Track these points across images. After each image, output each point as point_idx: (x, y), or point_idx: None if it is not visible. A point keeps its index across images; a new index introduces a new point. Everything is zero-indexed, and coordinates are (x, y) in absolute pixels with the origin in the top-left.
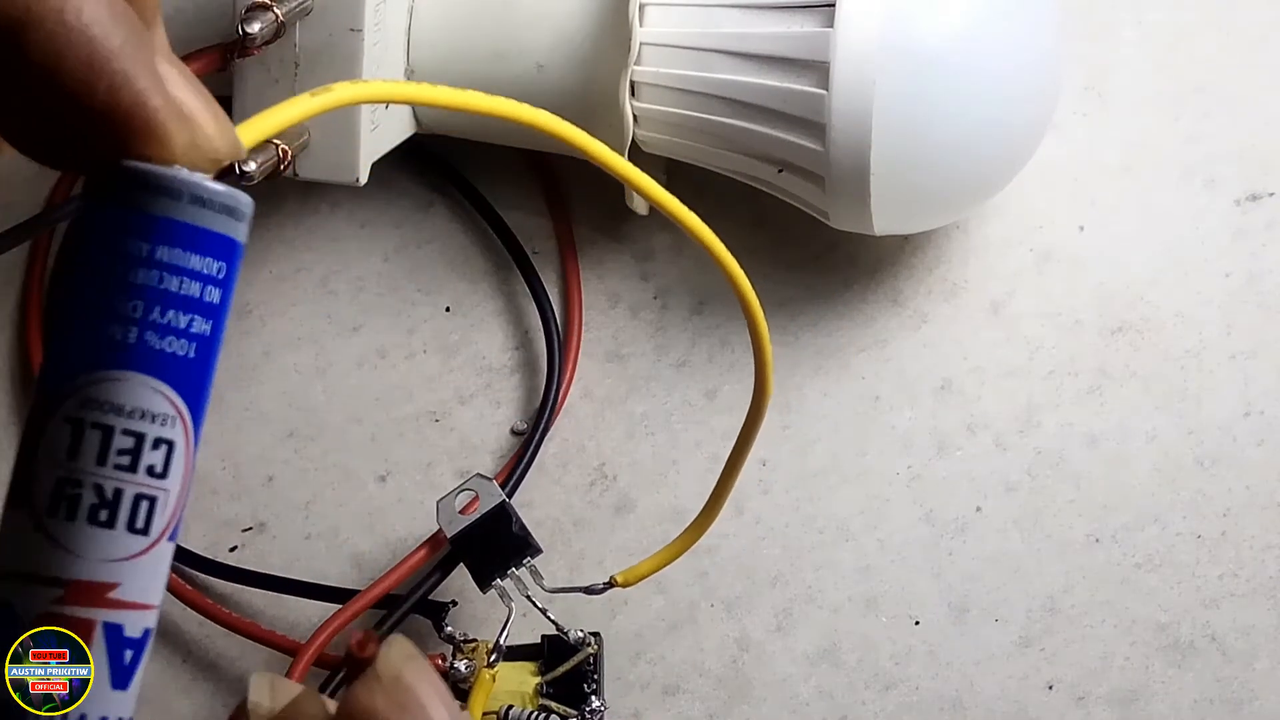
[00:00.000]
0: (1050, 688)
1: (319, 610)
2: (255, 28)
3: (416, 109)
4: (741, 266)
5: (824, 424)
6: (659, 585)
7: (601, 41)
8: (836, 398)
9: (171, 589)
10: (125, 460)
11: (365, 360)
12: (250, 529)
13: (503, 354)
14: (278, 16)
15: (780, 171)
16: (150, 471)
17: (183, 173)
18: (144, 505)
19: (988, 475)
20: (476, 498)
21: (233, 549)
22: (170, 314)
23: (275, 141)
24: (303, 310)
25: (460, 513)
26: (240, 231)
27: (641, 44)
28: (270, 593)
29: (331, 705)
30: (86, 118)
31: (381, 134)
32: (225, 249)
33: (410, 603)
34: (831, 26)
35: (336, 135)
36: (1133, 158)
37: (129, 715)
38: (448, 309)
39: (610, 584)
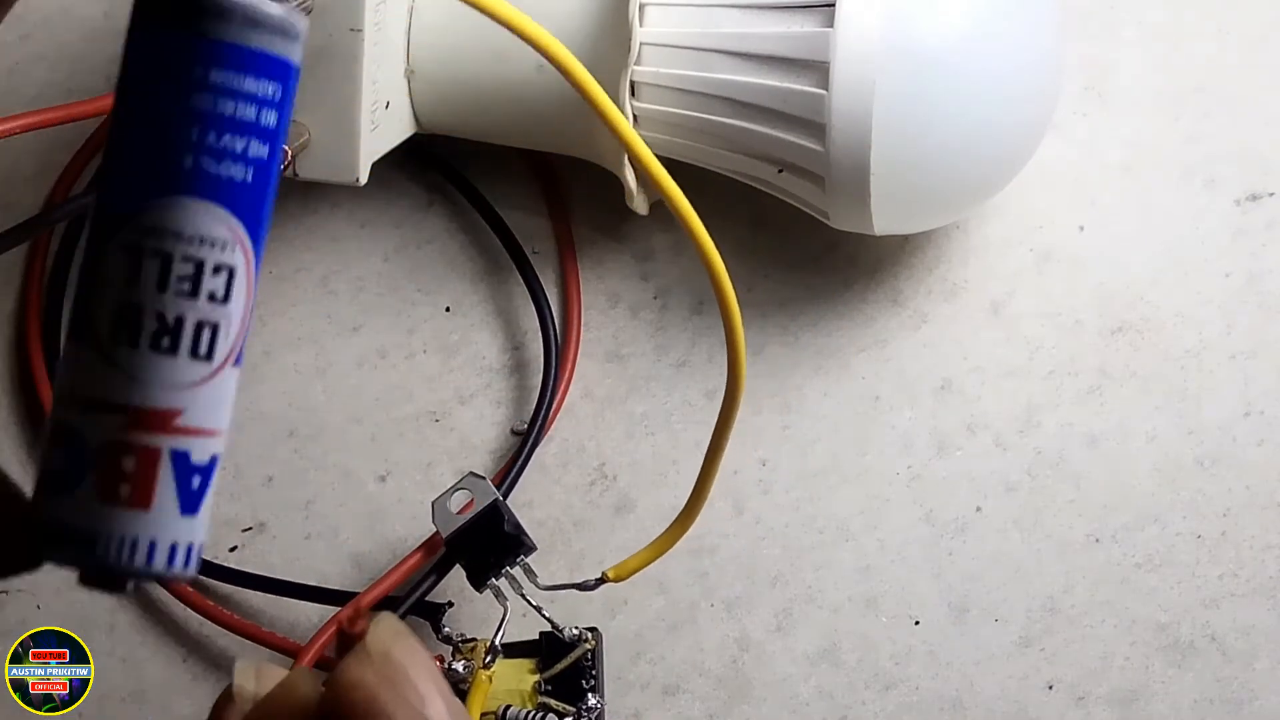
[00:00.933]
0: (1050, 688)
1: (318, 610)
2: None
3: (417, 109)
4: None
5: (824, 424)
6: (659, 585)
7: (601, 41)
8: (836, 398)
9: (171, 590)
10: (186, 286)
11: (365, 360)
12: (250, 529)
13: (502, 354)
14: None
15: (780, 171)
16: (211, 298)
17: None
18: (206, 331)
19: (988, 475)
20: (472, 497)
21: (233, 549)
22: (226, 138)
23: None
24: (303, 310)
25: (456, 513)
26: (294, 53)
27: (641, 44)
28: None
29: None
30: None
31: (381, 134)
32: (280, 71)
33: (407, 605)
34: (831, 26)
35: (336, 135)
36: (1133, 158)
37: (199, 542)
38: (448, 309)
39: (603, 579)
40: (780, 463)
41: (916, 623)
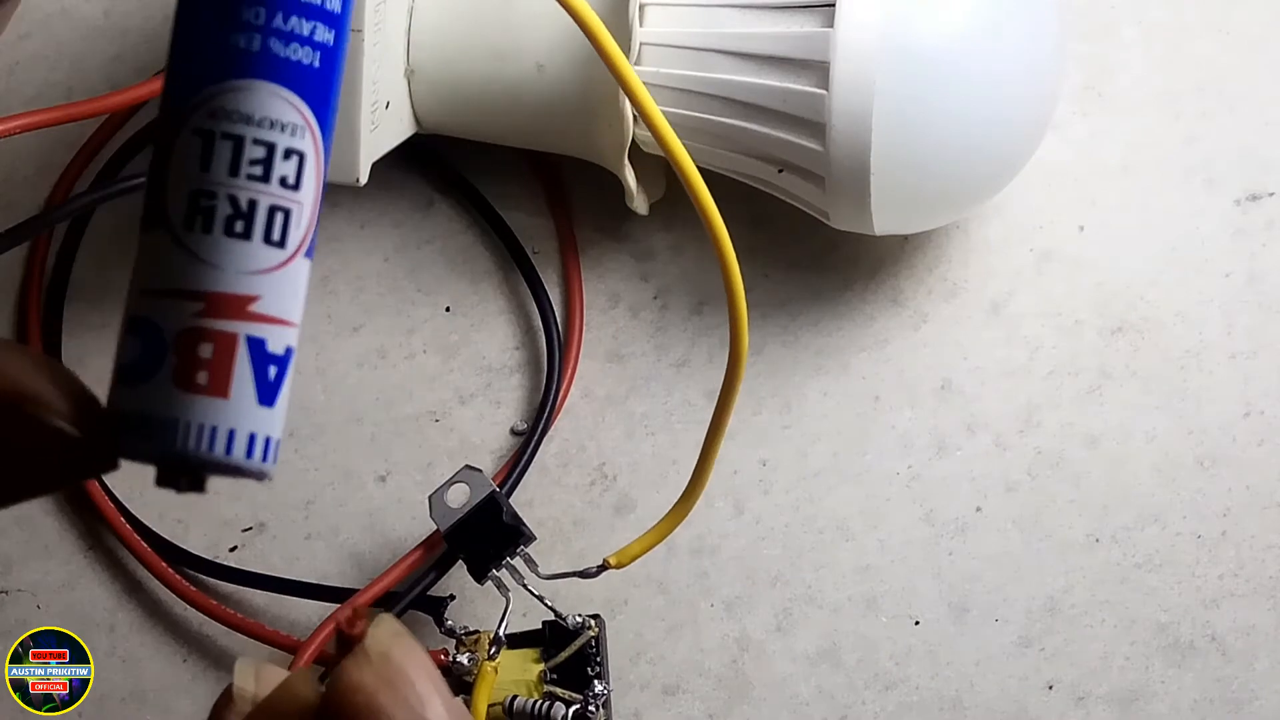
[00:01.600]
0: (1050, 688)
1: (319, 609)
2: None
3: (417, 109)
4: (741, 266)
5: (824, 424)
6: (659, 585)
7: None
8: (836, 398)
9: (173, 588)
10: (258, 170)
11: (365, 360)
12: (250, 529)
13: (503, 354)
14: None
15: (780, 171)
16: (283, 183)
17: None
18: (279, 217)
19: (988, 475)
20: (469, 491)
21: (233, 549)
22: (293, 20)
23: None
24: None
25: (454, 507)
26: None
27: (641, 44)
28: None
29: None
30: None
31: (381, 134)
32: None
33: (408, 599)
34: (831, 26)
35: (336, 135)
36: (1133, 158)
37: (277, 435)
38: (448, 309)
39: (604, 566)
40: (780, 463)
41: (916, 623)
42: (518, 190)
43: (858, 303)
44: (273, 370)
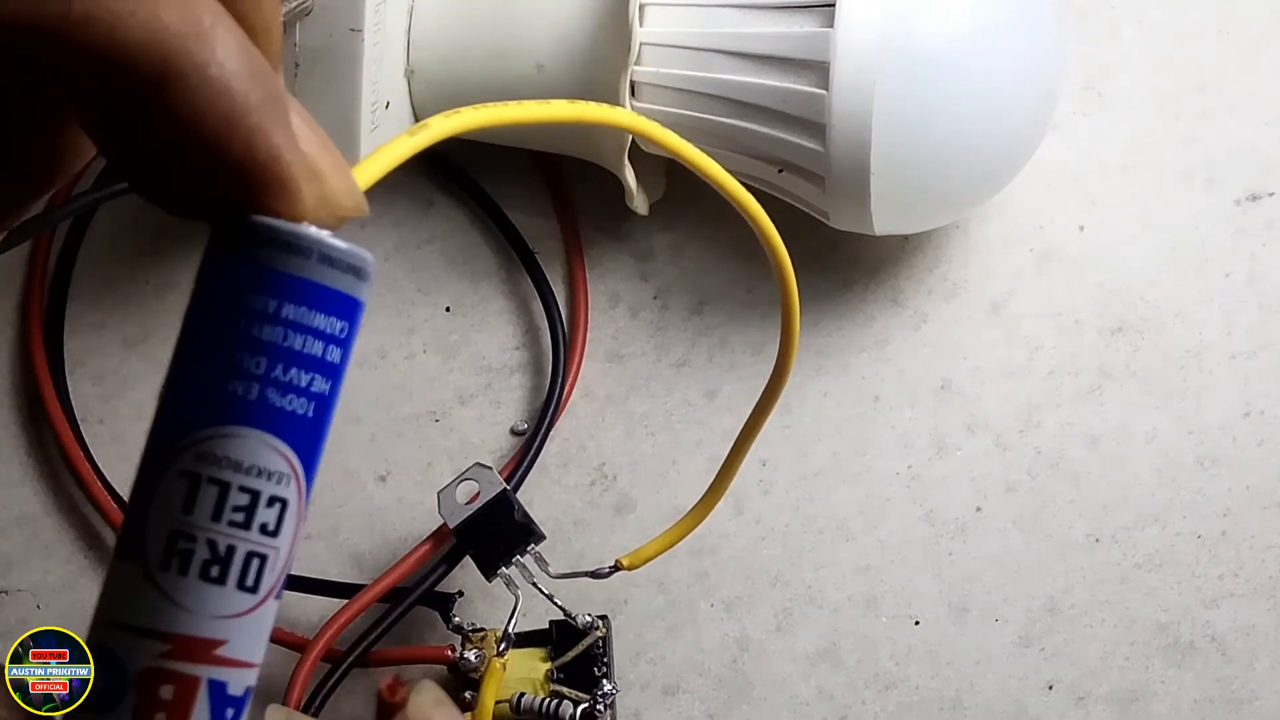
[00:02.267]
0: (1050, 687)
1: (319, 608)
2: None
3: (417, 109)
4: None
5: (824, 424)
6: (659, 585)
7: (601, 41)
8: (836, 398)
9: None
10: (240, 517)
11: (365, 360)
12: None
13: (503, 354)
14: None
15: (780, 171)
16: (263, 529)
17: (313, 230)
18: (255, 563)
19: (988, 475)
20: (478, 488)
21: None
22: (293, 372)
23: None
24: None
25: (463, 503)
26: (363, 292)
27: (641, 44)
28: None
29: None
30: (220, 171)
31: (381, 134)
32: (348, 308)
33: (416, 595)
34: (831, 26)
35: (336, 135)
36: (1133, 158)
37: None
38: (448, 309)
39: (616, 567)
40: (780, 463)
41: (916, 623)
42: (519, 190)
43: (858, 303)
44: (230, 712)
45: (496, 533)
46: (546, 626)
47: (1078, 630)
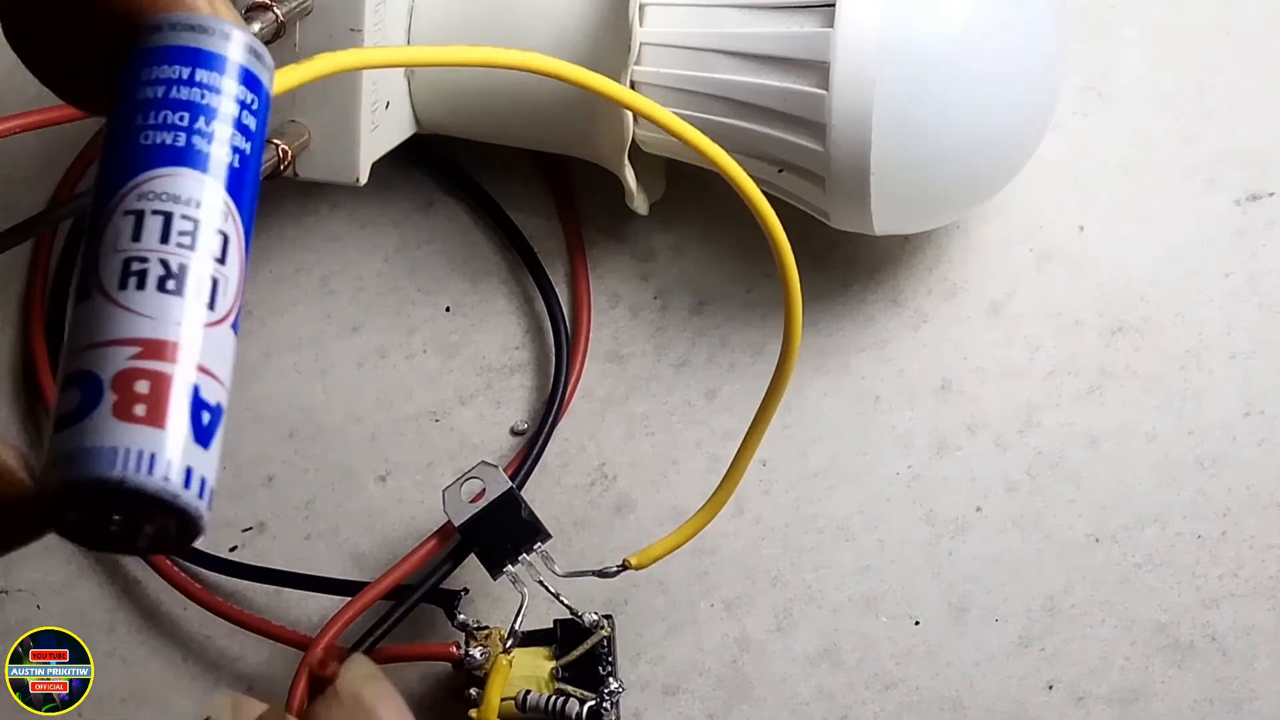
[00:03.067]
0: (1050, 688)
1: (319, 607)
2: (255, 28)
3: (417, 109)
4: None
5: (824, 424)
6: (659, 585)
7: (601, 41)
8: (836, 398)
9: (177, 585)
10: (187, 240)
11: (365, 360)
12: (250, 529)
13: (503, 354)
14: (278, 16)
15: (780, 171)
16: (211, 255)
17: (215, 18)
18: (208, 282)
19: (988, 475)
20: (484, 486)
21: (232, 549)
22: (214, 125)
23: (276, 142)
24: (303, 310)
25: (468, 501)
26: (265, 76)
27: (641, 44)
28: (271, 590)
29: None
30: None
31: (381, 134)
32: (254, 83)
33: (422, 591)
34: (831, 26)
35: (336, 135)
36: (1133, 158)
37: (212, 479)
38: (448, 309)
39: (624, 566)
40: (780, 463)
41: (916, 623)
42: (520, 190)
43: (858, 303)
44: (206, 416)
45: (503, 531)
46: (550, 626)
47: (1078, 630)
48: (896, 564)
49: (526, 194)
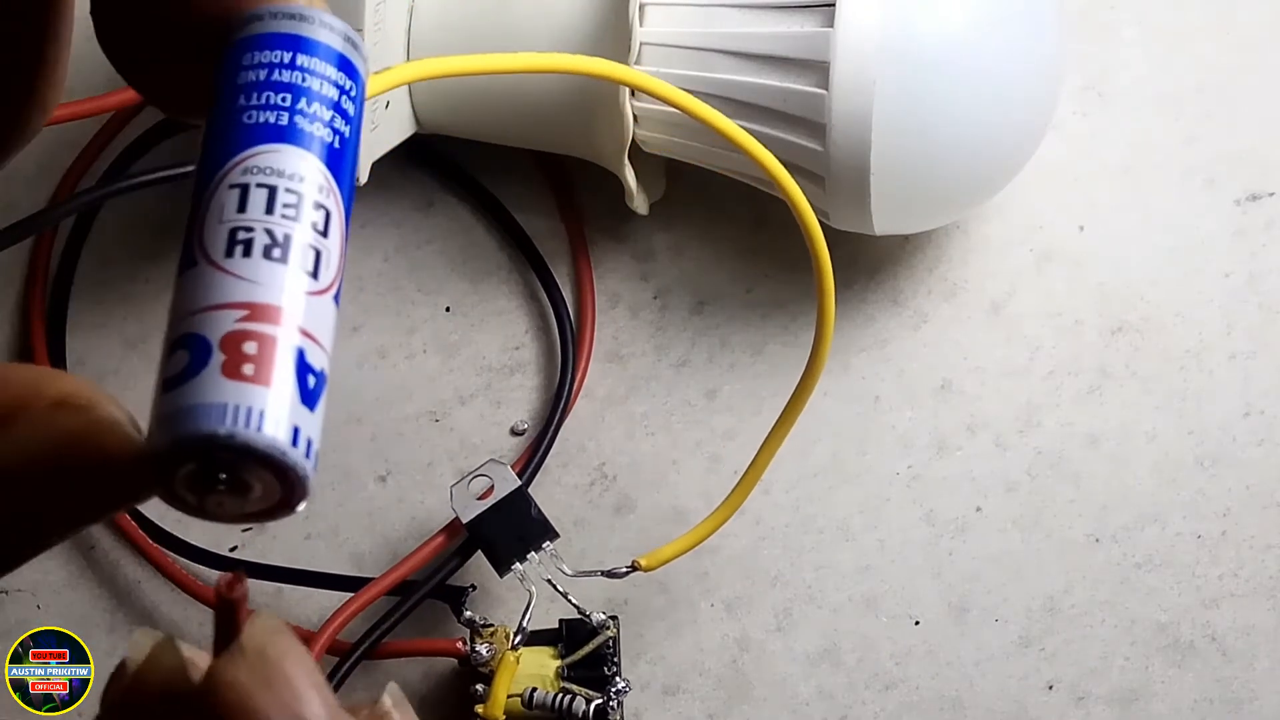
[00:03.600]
0: (1050, 688)
1: (320, 606)
2: None
3: (417, 109)
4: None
5: (824, 424)
6: (659, 585)
7: (601, 41)
8: (836, 398)
9: (178, 582)
10: (291, 213)
11: (365, 360)
12: (250, 529)
13: (503, 354)
14: None
15: None
16: (314, 227)
17: (312, 8)
18: (312, 253)
19: (988, 475)
20: (492, 483)
21: (232, 549)
22: (315, 106)
23: None
24: None
25: (476, 499)
26: (361, 65)
27: (641, 44)
28: (272, 589)
29: (192, 653)
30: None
31: (381, 134)
32: (351, 70)
33: (429, 586)
34: (831, 26)
35: None
36: (1133, 158)
37: (317, 442)
38: (448, 309)
39: (633, 567)
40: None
41: (916, 623)
42: (521, 190)
43: (858, 303)
44: (311, 380)
45: (511, 529)
46: (554, 625)
47: (1078, 630)
48: (896, 564)
49: (527, 194)
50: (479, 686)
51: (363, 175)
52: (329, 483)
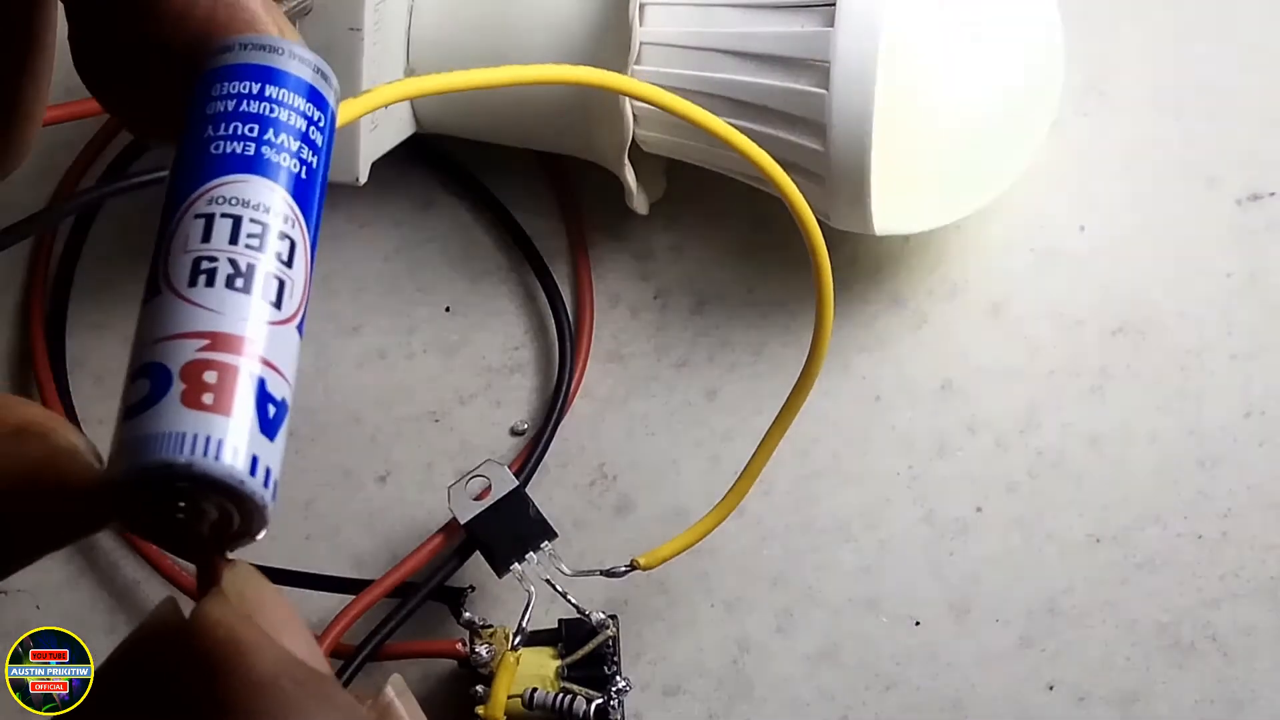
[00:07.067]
0: (1051, 688)
1: (320, 607)
2: None
3: (416, 109)
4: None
5: (824, 424)
6: (659, 585)
7: (601, 41)
8: (836, 398)
9: (178, 582)
10: (255, 242)
11: (365, 360)
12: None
13: (503, 354)
14: None
15: None
16: (278, 257)
17: (283, 39)
18: (275, 282)
19: (988, 475)
20: (489, 483)
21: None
22: (283, 137)
23: None
24: None
25: (474, 499)
26: (330, 95)
27: (641, 44)
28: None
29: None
30: (200, 19)
31: (381, 134)
32: (320, 101)
33: (429, 588)
34: (831, 26)
35: (336, 135)
36: (1133, 158)
37: (277, 470)
38: (447, 309)
39: (633, 566)
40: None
41: (917, 623)
42: (521, 188)
43: (858, 303)
44: (272, 409)
45: (510, 529)
46: (552, 625)
47: (1078, 631)
48: (897, 564)
49: (528, 193)
50: (479, 688)
51: (363, 175)
52: (328, 483)
